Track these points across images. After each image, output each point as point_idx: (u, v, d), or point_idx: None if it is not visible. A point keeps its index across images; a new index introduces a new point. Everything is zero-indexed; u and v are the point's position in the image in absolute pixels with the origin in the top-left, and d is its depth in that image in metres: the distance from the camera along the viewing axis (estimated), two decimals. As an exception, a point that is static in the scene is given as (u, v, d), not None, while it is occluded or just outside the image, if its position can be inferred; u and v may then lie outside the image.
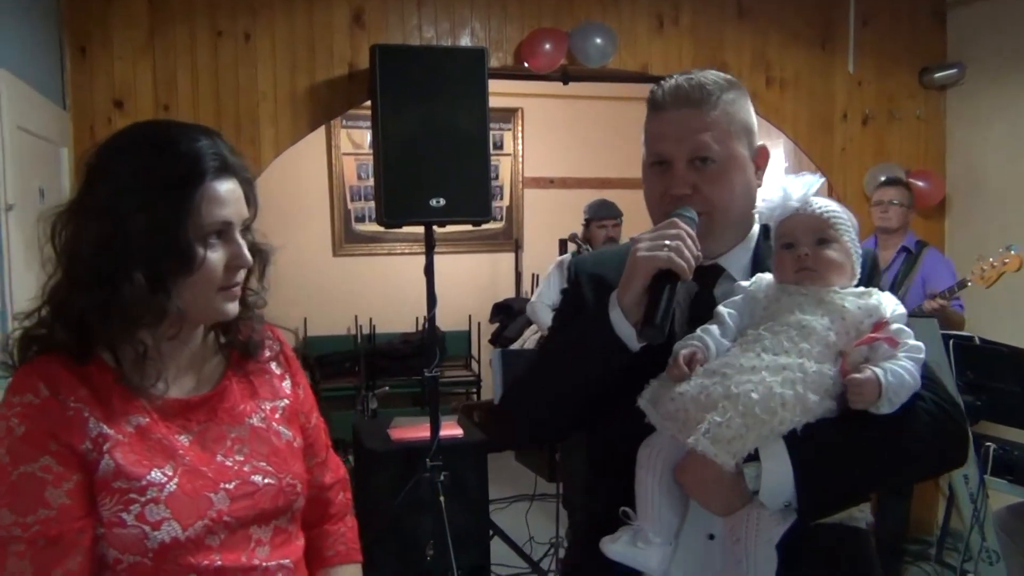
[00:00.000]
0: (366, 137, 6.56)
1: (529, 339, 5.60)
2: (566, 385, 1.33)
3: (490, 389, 6.34)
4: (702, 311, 1.32)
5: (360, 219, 6.61)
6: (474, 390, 6.64)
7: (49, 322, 1.15)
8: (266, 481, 1.21)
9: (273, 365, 1.34)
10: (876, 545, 4.07)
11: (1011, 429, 3.23)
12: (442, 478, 3.59)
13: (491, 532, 3.98)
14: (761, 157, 1.39)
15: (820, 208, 1.30)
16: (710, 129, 1.31)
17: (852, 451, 1.19)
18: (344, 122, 6.34)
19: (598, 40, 3.92)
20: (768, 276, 1.32)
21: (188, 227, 1.11)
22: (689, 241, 1.22)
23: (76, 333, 1.12)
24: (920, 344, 1.21)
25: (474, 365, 6.78)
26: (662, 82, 1.37)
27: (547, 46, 3.87)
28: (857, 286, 1.29)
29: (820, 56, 4.44)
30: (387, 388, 5.72)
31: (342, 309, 6.43)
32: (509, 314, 6.55)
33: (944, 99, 4.64)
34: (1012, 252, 3.47)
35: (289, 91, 3.69)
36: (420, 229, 3.63)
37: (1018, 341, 3.15)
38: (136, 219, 1.10)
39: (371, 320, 6.39)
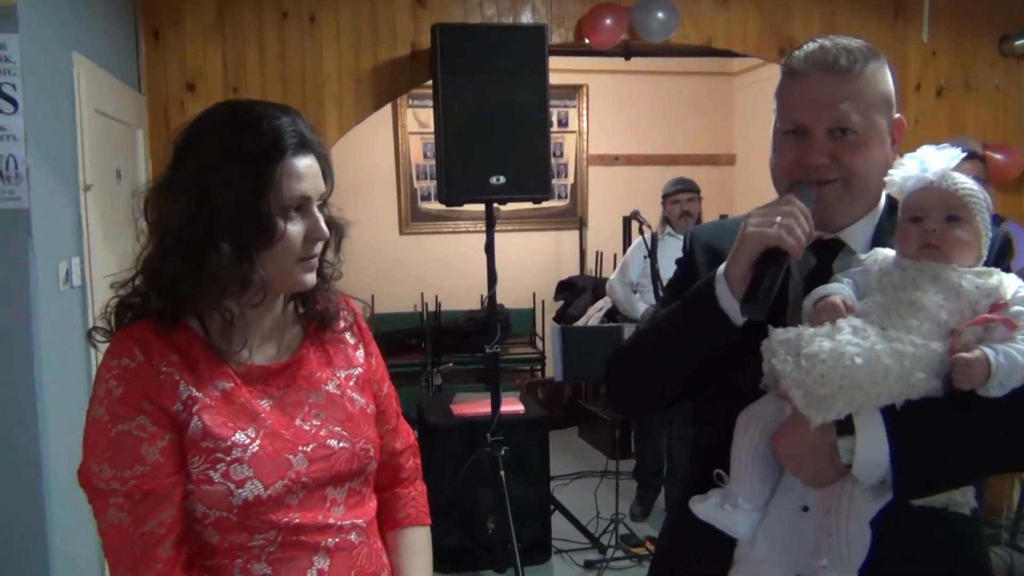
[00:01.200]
0: (432, 116, 6.62)
1: (593, 316, 5.60)
2: (669, 357, 1.34)
3: (552, 367, 6.38)
4: (819, 285, 1.28)
5: (426, 197, 6.69)
6: (538, 367, 6.68)
7: (143, 291, 1.22)
8: (341, 445, 1.27)
9: (348, 335, 1.40)
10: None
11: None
12: (503, 453, 3.64)
13: (552, 507, 4.03)
14: (898, 130, 1.34)
15: (956, 184, 1.23)
16: (852, 99, 1.26)
17: (955, 432, 1.15)
18: (410, 101, 6.41)
19: (660, 15, 3.87)
20: (886, 251, 1.28)
21: (270, 200, 1.17)
22: (803, 219, 1.19)
23: (168, 301, 1.20)
24: None
25: (538, 342, 6.81)
26: (803, 47, 1.31)
27: (608, 21, 3.85)
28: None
29: (892, 25, 4.30)
30: (451, 364, 5.79)
31: (408, 287, 6.54)
32: (573, 292, 6.56)
33: (1025, 68, 4.45)
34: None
35: (353, 72, 3.76)
36: (483, 207, 3.66)
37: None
38: (221, 193, 1.16)
39: (436, 297, 6.48)
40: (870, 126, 1.26)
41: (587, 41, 3.92)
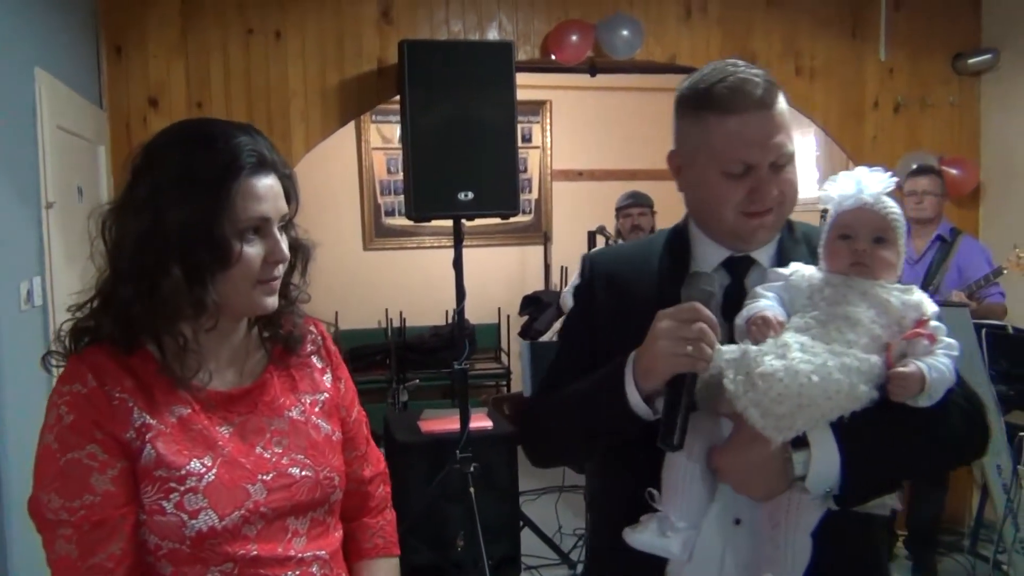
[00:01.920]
0: (396, 132, 6.60)
1: (559, 331, 5.62)
2: (577, 436, 1.37)
3: (520, 381, 6.37)
4: (735, 301, 1.32)
5: (390, 213, 6.66)
6: (504, 382, 6.66)
7: (98, 314, 1.19)
8: (303, 473, 1.24)
9: (315, 359, 1.37)
10: (910, 537, 4.04)
11: (1047, 419, 3.20)
12: (472, 469, 3.62)
13: (521, 523, 4.02)
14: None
15: (887, 208, 1.29)
16: (782, 130, 1.28)
17: (895, 441, 1.21)
18: (374, 117, 6.39)
19: (625, 32, 3.92)
20: (808, 268, 1.32)
21: (224, 222, 1.14)
22: (711, 335, 1.19)
23: (122, 325, 1.16)
24: (955, 342, 1.23)
25: (504, 358, 6.80)
26: (714, 82, 1.29)
27: (574, 38, 3.88)
28: None
29: (850, 43, 4.40)
30: (417, 381, 5.76)
31: (373, 303, 6.49)
32: (538, 306, 6.55)
33: (978, 85, 4.57)
34: (1049, 240, 3.42)
35: (319, 87, 3.74)
36: (449, 222, 3.66)
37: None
38: (174, 214, 1.13)
39: (401, 313, 6.45)
40: (794, 152, 1.30)
41: (553, 57, 3.95)
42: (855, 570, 1.32)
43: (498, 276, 6.72)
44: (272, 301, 1.23)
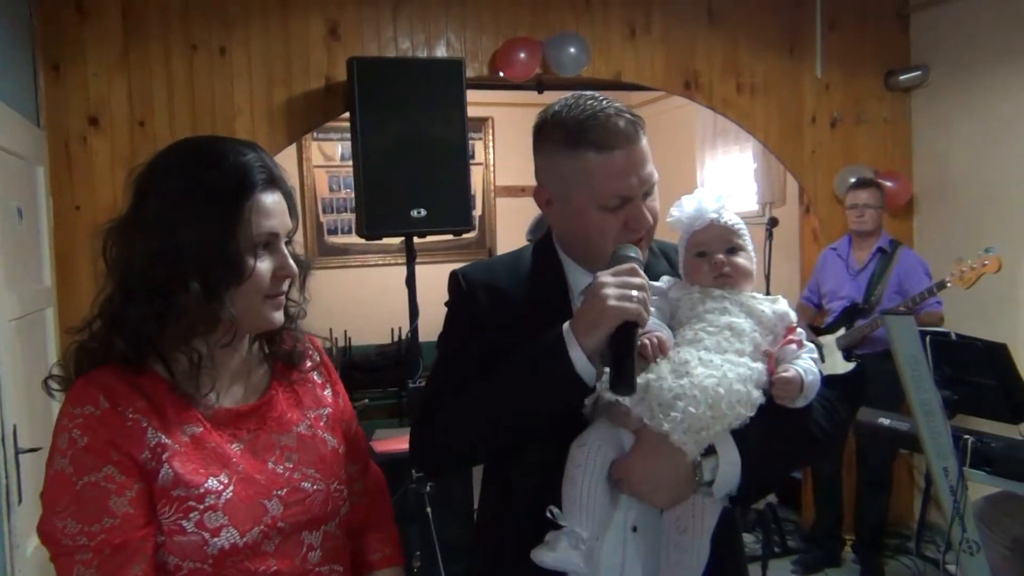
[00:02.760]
0: (338, 149, 6.55)
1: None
2: (508, 417, 1.33)
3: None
4: None
5: (332, 231, 6.59)
6: (451, 400, 6.62)
7: (102, 335, 1.17)
8: (315, 487, 1.25)
9: (315, 374, 1.38)
10: (856, 540, 4.18)
11: (988, 421, 3.31)
12: (428, 489, 3.58)
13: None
14: None
15: (731, 220, 1.40)
16: (648, 160, 1.35)
17: (780, 441, 1.31)
18: (315, 135, 6.32)
19: (572, 49, 3.96)
20: (681, 282, 1.41)
21: (239, 238, 1.15)
22: (648, 290, 1.26)
23: (133, 344, 1.15)
24: (813, 345, 1.36)
25: (451, 375, 6.76)
26: (585, 119, 1.32)
27: (522, 55, 3.91)
28: None
29: (788, 61, 4.53)
30: (367, 400, 5.69)
31: (317, 322, 6.27)
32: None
33: (910, 101, 4.75)
34: (991, 254, 3.55)
35: (266, 105, 3.68)
36: (394, 240, 3.63)
37: (987, 337, 3.24)
38: (187, 232, 1.13)
39: (346, 332, 6.37)
40: (657, 179, 1.38)
41: (502, 74, 3.97)
42: (722, 559, 1.36)
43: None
44: (279, 316, 1.25)
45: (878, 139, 4.71)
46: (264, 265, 1.19)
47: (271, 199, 1.20)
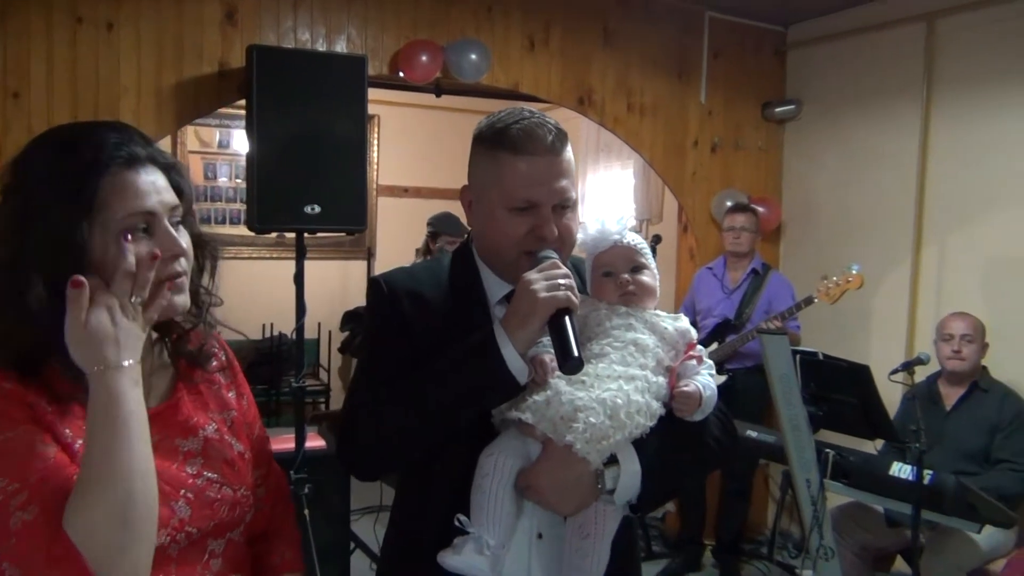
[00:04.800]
0: (215, 136, 6.32)
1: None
2: (438, 416, 1.34)
3: (338, 399, 6.24)
4: None
5: (205, 221, 6.34)
6: (322, 399, 6.50)
7: None
8: (222, 492, 1.21)
9: (220, 375, 1.33)
10: (717, 545, 4.39)
11: (847, 436, 3.57)
12: (306, 491, 3.51)
13: (352, 545, 3.94)
14: None
15: (634, 240, 1.48)
16: (566, 176, 1.39)
17: (679, 452, 1.38)
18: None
19: (473, 56, 3.98)
20: (590, 298, 1.48)
21: (94, 225, 1.08)
22: (572, 279, 1.32)
23: (10, 350, 1.08)
24: (711, 362, 1.44)
25: (323, 374, 6.64)
26: (510, 123, 1.38)
27: (424, 58, 3.89)
28: None
29: (676, 85, 4.72)
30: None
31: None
32: (360, 322, 6.47)
33: (783, 132, 5.04)
34: (854, 271, 3.83)
35: (154, 86, 3.51)
36: (272, 235, 3.52)
37: (843, 354, 3.50)
38: (37, 225, 1.06)
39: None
40: (576, 199, 1.45)
41: (402, 75, 3.94)
42: (621, 564, 1.42)
43: (319, 290, 6.53)
44: (182, 299, 1.17)
45: (752, 166, 4.97)
46: (142, 248, 1.09)
47: (141, 178, 1.12)
